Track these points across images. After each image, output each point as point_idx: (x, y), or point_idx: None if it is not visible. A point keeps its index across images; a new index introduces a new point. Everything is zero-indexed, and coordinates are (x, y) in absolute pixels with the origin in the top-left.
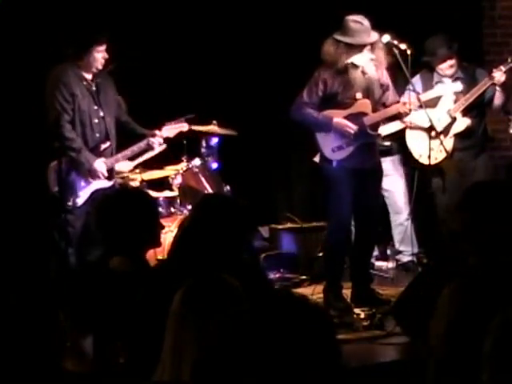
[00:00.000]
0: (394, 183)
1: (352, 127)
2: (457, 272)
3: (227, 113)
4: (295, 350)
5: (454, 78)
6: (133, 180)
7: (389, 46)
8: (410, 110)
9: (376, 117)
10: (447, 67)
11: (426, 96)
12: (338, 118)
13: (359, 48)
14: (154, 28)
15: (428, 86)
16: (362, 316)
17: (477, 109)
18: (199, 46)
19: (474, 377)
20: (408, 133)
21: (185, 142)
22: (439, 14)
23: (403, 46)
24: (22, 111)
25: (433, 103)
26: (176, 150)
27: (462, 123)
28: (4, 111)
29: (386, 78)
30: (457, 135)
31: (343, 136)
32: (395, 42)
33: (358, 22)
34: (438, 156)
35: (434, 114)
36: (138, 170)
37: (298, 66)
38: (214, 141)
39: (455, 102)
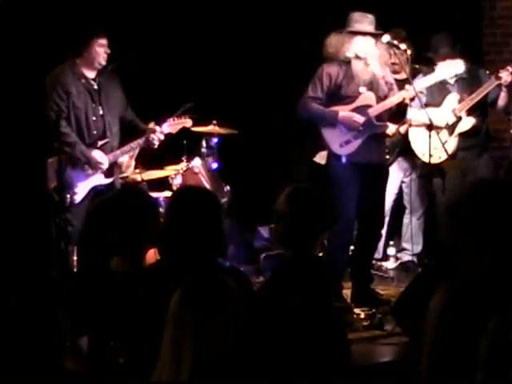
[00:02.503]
0: (413, 182)
1: (359, 119)
2: (454, 273)
3: (227, 112)
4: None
5: (457, 78)
6: (133, 180)
7: (389, 46)
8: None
9: (381, 107)
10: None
11: (431, 80)
12: (344, 112)
13: (361, 35)
14: (153, 28)
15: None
16: (362, 316)
17: (480, 108)
18: (199, 46)
19: (464, 376)
20: (411, 131)
21: (185, 141)
22: (439, 14)
23: (403, 46)
24: (21, 111)
25: (437, 102)
26: (176, 149)
27: (468, 122)
28: (3, 110)
29: (390, 77)
30: (461, 134)
31: (350, 129)
32: (395, 42)
33: (362, 14)
34: (442, 155)
35: (438, 113)
36: (138, 170)
37: (298, 66)
38: (214, 141)
39: (460, 101)
